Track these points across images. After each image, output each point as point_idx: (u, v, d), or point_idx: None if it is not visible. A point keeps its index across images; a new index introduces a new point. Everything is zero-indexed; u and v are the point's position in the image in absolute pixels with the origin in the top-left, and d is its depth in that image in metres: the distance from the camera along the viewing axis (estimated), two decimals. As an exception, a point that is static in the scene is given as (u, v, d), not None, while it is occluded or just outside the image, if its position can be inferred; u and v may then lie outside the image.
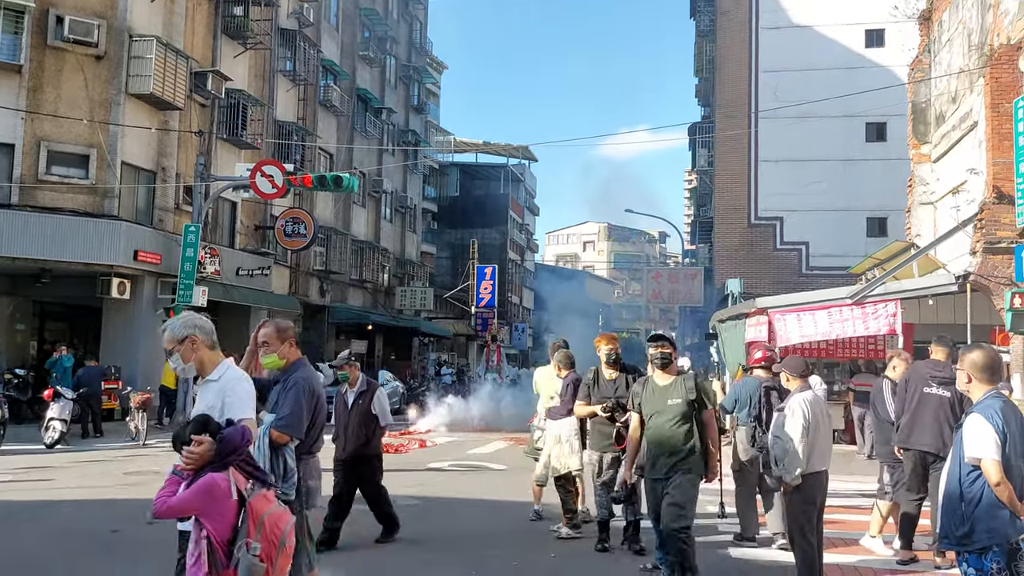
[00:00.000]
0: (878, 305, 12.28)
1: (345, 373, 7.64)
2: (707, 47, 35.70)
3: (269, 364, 4.83)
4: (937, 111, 17.12)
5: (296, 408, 4.61)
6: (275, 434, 4.56)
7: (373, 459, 7.53)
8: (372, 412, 7.45)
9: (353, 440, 7.39)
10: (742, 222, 30.83)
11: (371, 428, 7.45)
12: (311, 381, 4.79)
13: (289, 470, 4.54)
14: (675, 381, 5.74)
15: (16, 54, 17.92)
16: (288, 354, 4.84)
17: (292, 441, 4.60)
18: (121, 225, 18.63)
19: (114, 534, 7.70)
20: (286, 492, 4.47)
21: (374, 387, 7.63)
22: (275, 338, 4.83)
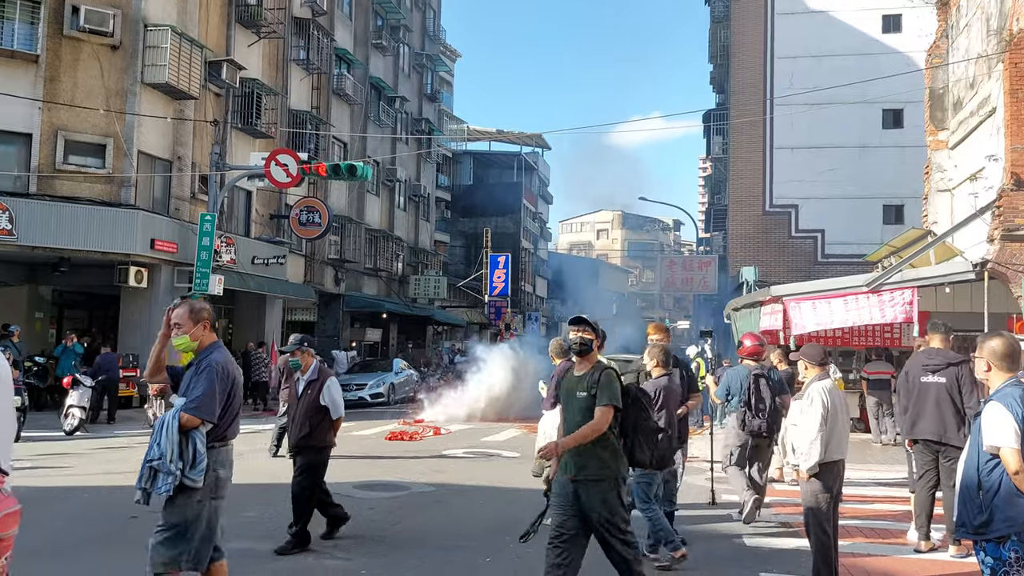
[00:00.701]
0: (894, 293, 12.20)
1: (296, 360, 7.28)
2: (722, 33, 35.46)
3: (180, 346, 4.63)
4: (955, 97, 16.95)
5: (208, 390, 4.44)
6: (185, 417, 4.41)
7: (314, 452, 7.05)
8: (321, 403, 7.07)
9: (296, 430, 7.09)
10: (757, 209, 30.69)
11: (316, 419, 7.03)
12: (226, 364, 4.60)
13: (198, 455, 4.37)
14: (587, 372, 5.09)
15: (33, 44, 18.04)
16: (202, 336, 4.64)
17: (203, 425, 4.44)
18: (138, 214, 18.76)
19: (132, 520, 7.79)
20: (192, 478, 4.35)
21: (325, 376, 7.21)
22: (188, 319, 4.62)
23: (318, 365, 7.30)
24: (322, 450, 7.11)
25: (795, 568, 6.40)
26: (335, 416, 7.12)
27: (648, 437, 5.20)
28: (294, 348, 7.36)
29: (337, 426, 7.24)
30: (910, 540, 7.24)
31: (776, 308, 13.79)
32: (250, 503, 8.69)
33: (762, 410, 7.97)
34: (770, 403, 8.01)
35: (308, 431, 7.01)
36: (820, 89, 25.85)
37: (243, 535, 7.27)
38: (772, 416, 8.01)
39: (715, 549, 7.15)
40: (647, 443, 5.19)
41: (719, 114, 36.80)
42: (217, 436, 4.55)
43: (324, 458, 7.16)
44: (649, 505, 6.69)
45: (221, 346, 4.71)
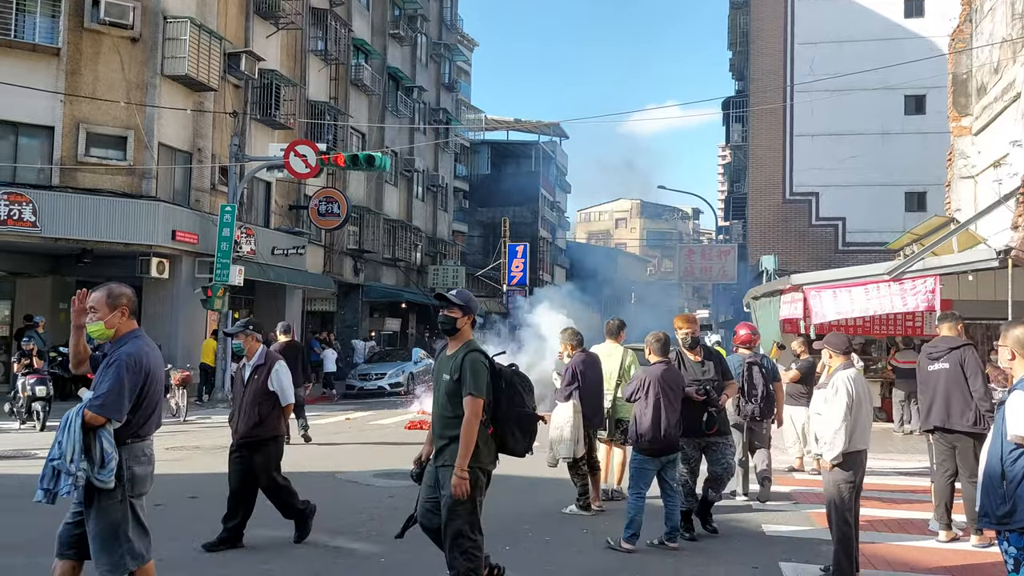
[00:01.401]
0: (916, 281, 12.06)
1: (239, 343, 6.75)
2: (741, 20, 35.15)
3: (94, 333, 4.27)
4: (978, 82, 16.72)
5: (115, 386, 4.07)
6: (88, 415, 4.04)
7: (267, 444, 6.60)
8: (269, 389, 6.60)
9: (244, 421, 6.57)
10: (777, 198, 30.47)
11: (266, 407, 6.58)
12: (140, 356, 4.21)
13: (107, 456, 4.02)
14: (455, 353, 4.80)
15: (54, 37, 18.18)
16: (118, 324, 4.29)
17: (110, 424, 4.08)
18: (159, 206, 18.91)
19: (157, 508, 7.88)
20: (102, 479, 4.03)
21: (272, 360, 6.72)
22: (103, 304, 4.27)
23: (264, 350, 6.83)
24: (273, 441, 6.67)
25: (815, 557, 6.39)
26: (284, 403, 6.70)
27: (523, 424, 4.82)
28: (237, 331, 6.86)
29: (287, 414, 6.88)
30: (931, 530, 7.20)
31: (796, 297, 13.69)
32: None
33: (755, 396, 8.51)
34: (763, 389, 8.56)
35: (258, 419, 6.55)
36: (841, 75, 25.57)
37: (261, 523, 7.34)
38: (765, 401, 8.58)
39: (735, 537, 7.14)
40: (522, 431, 4.82)
41: (738, 101, 36.52)
42: (131, 432, 4.20)
43: (277, 448, 6.74)
44: (637, 491, 6.66)
45: (139, 336, 4.35)
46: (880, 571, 6.19)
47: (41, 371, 14.10)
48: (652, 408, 6.69)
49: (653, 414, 6.69)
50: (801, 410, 10.20)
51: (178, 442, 12.68)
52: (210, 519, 7.42)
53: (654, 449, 6.72)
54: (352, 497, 8.66)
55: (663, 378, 6.78)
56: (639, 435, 6.72)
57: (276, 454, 6.71)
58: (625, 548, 6.50)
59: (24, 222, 17.25)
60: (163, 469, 10.13)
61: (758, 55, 31.57)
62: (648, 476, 6.73)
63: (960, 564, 6.41)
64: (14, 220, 17.16)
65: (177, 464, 10.58)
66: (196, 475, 9.77)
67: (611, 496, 8.44)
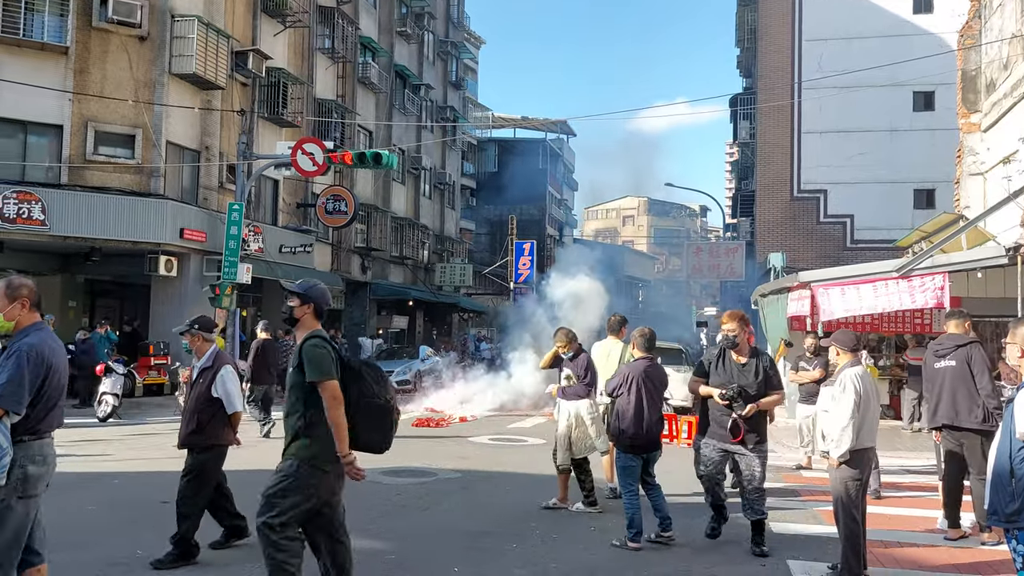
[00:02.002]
0: (925, 278, 12.02)
1: (187, 343, 6.31)
2: (749, 16, 35.04)
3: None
4: (988, 79, 16.63)
5: (15, 377, 3.91)
6: None
7: (205, 452, 6.15)
8: (212, 394, 6.13)
9: (184, 425, 6.25)
10: (785, 195, 30.38)
11: (207, 414, 6.11)
12: (41, 349, 4.04)
13: (1, 450, 3.85)
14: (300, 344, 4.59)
15: (62, 36, 18.25)
16: (18, 316, 4.12)
17: (8, 416, 3.92)
18: (167, 204, 18.97)
19: (163, 505, 7.91)
20: None
21: (221, 363, 6.23)
22: (2, 296, 4.11)
23: (215, 351, 6.35)
24: (211, 450, 6.16)
25: (822, 555, 6.37)
26: (230, 410, 6.16)
27: (373, 418, 4.51)
28: (184, 330, 6.37)
29: (235, 422, 6.25)
30: (939, 528, 7.18)
31: (804, 294, 13.66)
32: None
33: None
34: None
35: (196, 427, 6.12)
36: (849, 72, 25.48)
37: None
38: None
39: (742, 535, 7.13)
40: (373, 425, 4.52)
41: (746, 98, 36.41)
42: (28, 429, 4.02)
43: (214, 459, 6.21)
44: (629, 489, 6.67)
45: (42, 328, 4.19)
46: (888, 569, 6.17)
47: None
48: (634, 404, 6.70)
49: (635, 410, 6.70)
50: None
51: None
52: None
53: (636, 446, 6.73)
54: (359, 494, 8.65)
55: (646, 374, 6.81)
56: (621, 431, 6.74)
57: (211, 466, 6.19)
58: (632, 547, 6.51)
59: (33, 220, 17.33)
60: (170, 467, 10.17)
61: (766, 52, 31.46)
62: (635, 472, 6.77)
63: (969, 562, 6.39)
64: (23, 219, 17.24)
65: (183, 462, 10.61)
66: (204, 472, 9.79)
67: (618, 495, 8.41)
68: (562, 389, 8.01)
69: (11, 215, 17.12)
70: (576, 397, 7.91)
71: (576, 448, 7.86)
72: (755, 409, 6.37)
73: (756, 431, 6.48)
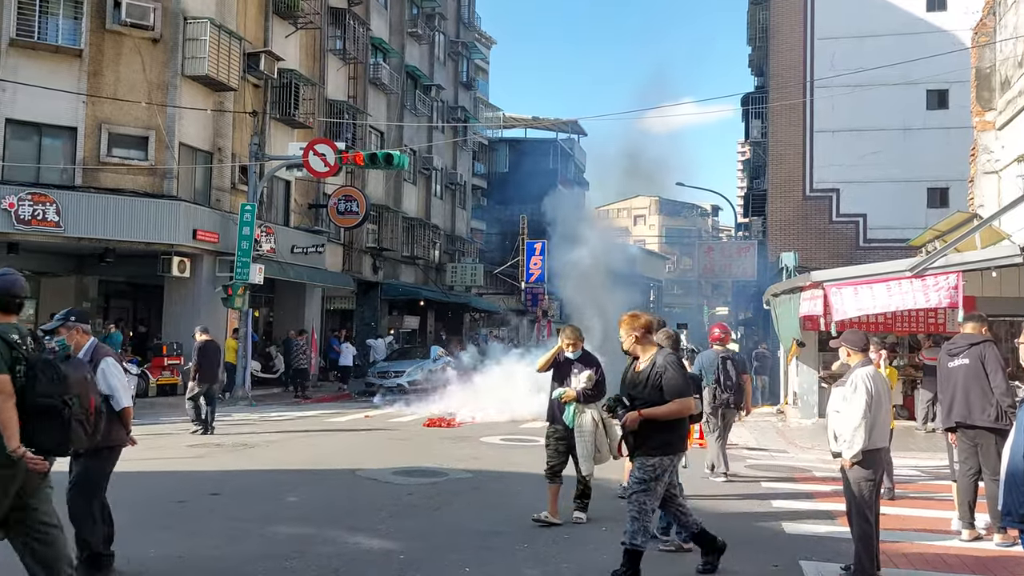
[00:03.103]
0: (939, 277, 11.95)
1: (63, 339, 5.67)
2: (760, 15, 34.91)
3: None
4: (1002, 76, 16.52)
5: None
6: None
7: (94, 456, 5.46)
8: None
9: None
10: (797, 194, 30.22)
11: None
12: None
13: None
14: None
15: (76, 39, 18.38)
16: None
17: None
18: (180, 205, 19.07)
19: (180, 504, 7.97)
20: None
21: (101, 355, 5.68)
22: None
23: (94, 344, 5.76)
24: (100, 453, 5.49)
25: (836, 556, 6.35)
26: (118, 407, 5.59)
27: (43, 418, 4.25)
28: (57, 325, 5.67)
29: (126, 420, 5.67)
30: (953, 529, 7.14)
31: (816, 294, 13.60)
32: (290, 488, 8.85)
33: (730, 386, 9.87)
34: (736, 380, 9.93)
35: None
36: (862, 70, 25.34)
37: (279, 520, 7.41)
38: (736, 391, 9.94)
39: (755, 536, 7.11)
40: (43, 425, 4.25)
41: (758, 97, 36.27)
42: None
43: (102, 463, 5.64)
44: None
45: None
46: (902, 570, 6.15)
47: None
48: None
49: None
50: None
51: (199, 439, 12.80)
52: (231, 515, 7.50)
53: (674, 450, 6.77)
54: (371, 494, 8.70)
55: None
56: None
57: (101, 470, 5.66)
58: (679, 543, 6.54)
59: (48, 222, 17.47)
60: (185, 466, 10.27)
61: (777, 51, 31.32)
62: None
63: (983, 563, 6.35)
64: (38, 220, 17.38)
65: (198, 461, 10.68)
66: (217, 472, 9.87)
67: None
68: (580, 391, 7.31)
69: (26, 217, 17.27)
70: (596, 400, 7.36)
71: (601, 453, 7.40)
72: (635, 419, 5.59)
73: (640, 441, 5.68)
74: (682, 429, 5.89)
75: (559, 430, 7.50)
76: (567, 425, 7.42)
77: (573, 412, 7.39)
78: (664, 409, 5.61)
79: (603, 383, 7.39)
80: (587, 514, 7.49)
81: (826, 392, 10.96)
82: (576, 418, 7.37)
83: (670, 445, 5.71)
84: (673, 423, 5.72)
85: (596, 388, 7.35)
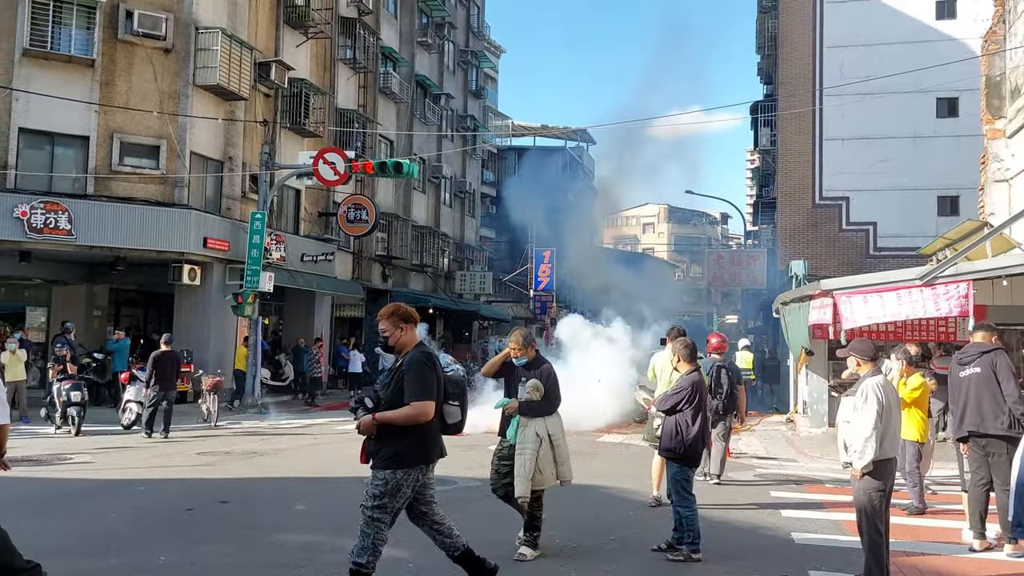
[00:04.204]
0: (949, 286, 11.89)
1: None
2: (769, 24, 34.92)
3: None
4: (1012, 84, 16.47)
5: None
6: None
7: None
8: None
9: None
10: (806, 202, 30.16)
11: None
12: None
13: None
14: None
15: (89, 49, 18.54)
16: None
17: None
18: (191, 214, 19.17)
19: (188, 512, 7.99)
20: None
21: None
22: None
23: None
24: None
25: (846, 566, 6.32)
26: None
27: None
28: None
29: (2, 437, 4.94)
30: (964, 539, 7.10)
31: (826, 302, 13.56)
32: (299, 496, 8.87)
33: (720, 393, 10.16)
34: (728, 389, 10.22)
35: None
36: (872, 79, 25.30)
37: (286, 529, 7.42)
38: (728, 399, 10.23)
39: (765, 546, 7.09)
40: None
41: (767, 105, 36.25)
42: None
43: None
44: (690, 497, 6.69)
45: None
46: (912, 581, 6.11)
47: (76, 377, 14.36)
48: (701, 418, 6.82)
49: (701, 424, 6.83)
50: None
51: (209, 447, 12.84)
52: (240, 523, 7.52)
53: (695, 458, 6.83)
54: None
55: (701, 387, 6.87)
56: (687, 446, 6.78)
57: None
58: (696, 558, 6.51)
59: (60, 230, 17.59)
60: (194, 474, 10.30)
61: (787, 59, 31.31)
62: (692, 482, 6.88)
63: (994, 574, 6.31)
64: (50, 229, 17.50)
65: (208, 469, 10.72)
66: (227, 480, 9.89)
67: (661, 504, 8.34)
68: (523, 402, 6.61)
69: (38, 225, 17.40)
70: (545, 413, 6.66)
71: (543, 475, 6.55)
72: (368, 424, 4.92)
73: (376, 449, 4.99)
74: (424, 438, 4.98)
75: (504, 447, 6.73)
76: (511, 441, 6.66)
77: (516, 425, 6.63)
78: (397, 414, 4.86)
79: (554, 393, 6.69)
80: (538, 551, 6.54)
81: (836, 401, 10.90)
82: (519, 432, 6.58)
83: (402, 457, 4.89)
84: (410, 431, 4.90)
85: (546, 399, 6.62)
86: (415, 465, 4.97)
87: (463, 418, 5.33)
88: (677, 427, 6.81)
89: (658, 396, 8.02)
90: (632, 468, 10.90)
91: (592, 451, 13.12)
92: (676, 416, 6.84)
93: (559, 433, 6.71)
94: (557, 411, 6.75)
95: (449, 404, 5.25)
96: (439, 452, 5.13)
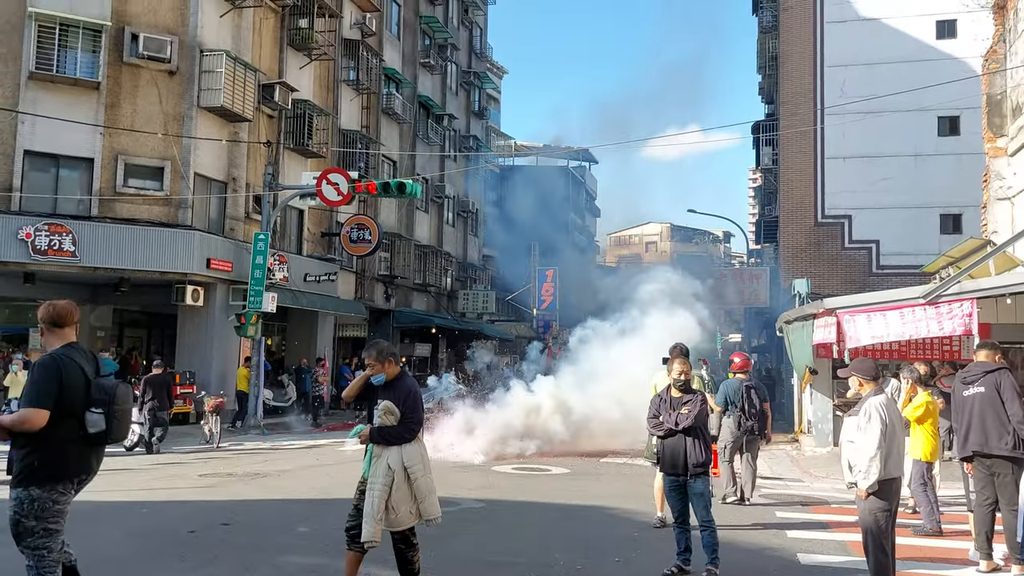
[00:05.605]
0: (953, 304, 11.88)
1: None
2: (770, 43, 35.11)
3: None
4: (1013, 103, 16.52)
5: None
6: None
7: None
8: None
9: None
10: (809, 221, 30.19)
11: None
12: None
13: None
14: None
15: (94, 72, 18.68)
16: None
17: None
18: (194, 235, 19.23)
19: (191, 534, 7.96)
20: None
21: None
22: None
23: None
24: None
25: (851, 588, 6.27)
26: None
27: None
28: None
29: None
30: (971, 559, 7.04)
31: (830, 321, 13.53)
32: (302, 518, 8.83)
33: (754, 414, 10.18)
34: (759, 408, 10.25)
35: None
36: (873, 98, 25.39)
37: (289, 551, 7.39)
38: (760, 418, 10.25)
39: (769, 566, 7.04)
40: None
41: (768, 125, 36.38)
42: None
43: None
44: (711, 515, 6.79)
45: None
46: (919, 602, 6.06)
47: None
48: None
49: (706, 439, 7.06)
50: None
51: (211, 468, 12.80)
52: (242, 546, 7.48)
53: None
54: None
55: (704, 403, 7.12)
56: (703, 462, 6.89)
57: None
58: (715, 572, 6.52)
59: (64, 252, 17.66)
60: (196, 496, 10.26)
61: (788, 78, 31.45)
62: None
63: (1002, 596, 6.26)
64: (54, 250, 17.57)
65: (210, 491, 10.68)
66: (229, 501, 9.85)
67: (667, 525, 8.25)
68: (375, 429, 5.62)
69: (43, 247, 17.46)
70: (401, 441, 5.62)
71: (397, 515, 5.59)
72: None
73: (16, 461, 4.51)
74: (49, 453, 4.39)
75: (362, 480, 5.70)
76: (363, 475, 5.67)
77: (369, 456, 5.67)
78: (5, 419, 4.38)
79: (413, 417, 5.67)
80: None
81: (841, 420, 10.86)
82: (372, 464, 5.59)
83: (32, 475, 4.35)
84: (36, 443, 4.33)
85: (402, 424, 5.60)
86: (46, 484, 4.36)
87: (109, 428, 4.59)
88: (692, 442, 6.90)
89: None
90: (635, 488, 10.84)
91: (596, 471, 13.07)
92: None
93: (418, 463, 5.63)
94: (419, 438, 5.75)
95: (92, 412, 4.52)
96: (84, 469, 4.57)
